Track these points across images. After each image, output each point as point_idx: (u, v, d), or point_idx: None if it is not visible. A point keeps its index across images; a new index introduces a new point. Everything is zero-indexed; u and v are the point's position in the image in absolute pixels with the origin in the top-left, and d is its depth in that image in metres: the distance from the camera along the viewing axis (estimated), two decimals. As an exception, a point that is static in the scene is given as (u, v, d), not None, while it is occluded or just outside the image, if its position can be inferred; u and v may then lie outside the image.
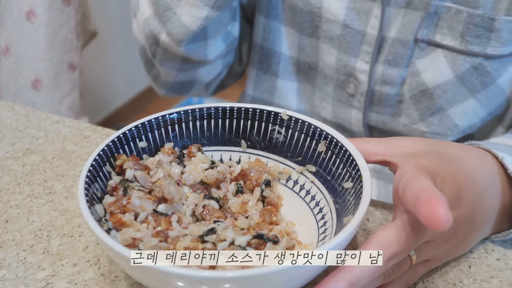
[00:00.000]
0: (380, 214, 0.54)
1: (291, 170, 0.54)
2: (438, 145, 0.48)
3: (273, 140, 0.54)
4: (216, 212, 0.47)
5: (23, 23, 1.23)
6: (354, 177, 0.46)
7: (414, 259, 0.42)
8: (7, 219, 0.54)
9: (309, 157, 0.52)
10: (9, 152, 0.64)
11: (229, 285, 0.36)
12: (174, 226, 0.44)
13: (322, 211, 0.50)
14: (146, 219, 0.44)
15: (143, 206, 0.45)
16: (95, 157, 0.46)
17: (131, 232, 0.42)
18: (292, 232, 0.48)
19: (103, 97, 2.27)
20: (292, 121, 0.53)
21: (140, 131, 0.51)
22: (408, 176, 0.41)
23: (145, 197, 0.46)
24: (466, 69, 0.64)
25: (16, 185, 0.59)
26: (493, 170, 0.48)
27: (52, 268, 0.48)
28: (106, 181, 0.47)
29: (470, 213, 0.44)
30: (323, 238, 0.47)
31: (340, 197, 0.48)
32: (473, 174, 0.45)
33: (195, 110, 0.53)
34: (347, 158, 0.48)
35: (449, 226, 0.35)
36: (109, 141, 0.49)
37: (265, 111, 0.54)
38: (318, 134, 0.51)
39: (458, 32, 0.62)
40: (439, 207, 0.35)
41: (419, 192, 0.37)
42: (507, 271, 0.47)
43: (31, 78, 1.27)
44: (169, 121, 0.53)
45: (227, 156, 0.55)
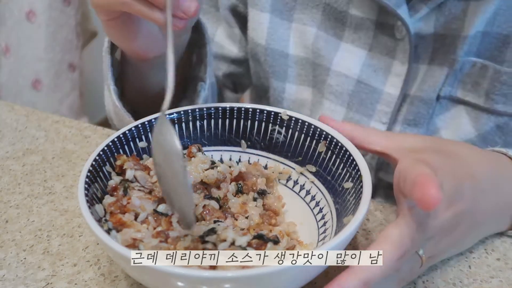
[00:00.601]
0: (380, 214, 0.54)
1: (291, 170, 0.54)
2: (438, 142, 0.49)
3: (273, 140, 0.54)
4: (216, 212, 0.47)
5: (23, 23, 1.23)
6: (354, 177, 0.46)
7: (425, 258, 0.42)
8: (7, 219, 0.54)
9: (309, 157, 0.52)
10: (9, 152, 0.64)
11: (229, 285, 0.36)
12: (175, 226, 0.44)
13: (322, 211, 0.50)
14: (146, 219, 0.44)
15: (143, 206, 0.45)
16: (95, 157, 0.46)
17: (131, 232, 0.42)
18: (293, 232, 0.48)
19: (103, 97, 2.27)
20: (292, 121, 0.53)
21: (140, 131, 0.51)
22: (407, 167, 0.41)
23: (145, 197, 0.46)
24: (490, 128, 0.59)
25: (16, 185, 0.59)
26: (502, 168, 0.48)
27: (52, 268, 0.48)
28: (106, 181, 0.47)
29: (471, 208, 0.44)
30: (323, 238, 0.47)
31: (340, 197, 0.48)
32: (474, 169, 0.45)
33: (195, 110, 0.53)
34: (347, 158, 0.48)
35: (438, 204, 0.35)
36: (109, 141, 0.49)
37: (265, 111, 0.53)
38: (318, 134, 0.51)
39: (483, 89, 0.58)
40: (430, 188, 0.36)
41: (415, 177, 0.38)
42: (507, 271, 0.47)
43: (31, 78, 1.27)
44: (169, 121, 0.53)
45: (227, 156, 0.55)
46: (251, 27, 0.70)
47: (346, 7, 0.62)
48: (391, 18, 0.59)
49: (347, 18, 0.62)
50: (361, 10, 0.61)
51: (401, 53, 0.60)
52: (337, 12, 0.62)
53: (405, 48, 0.59)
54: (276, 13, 0.67)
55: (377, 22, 0.61)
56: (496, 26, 0.56)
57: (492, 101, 0.58)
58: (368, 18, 0.61)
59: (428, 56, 0.59)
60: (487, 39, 0.57)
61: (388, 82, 0.62)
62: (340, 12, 0.62)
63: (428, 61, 0.60)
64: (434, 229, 0.41)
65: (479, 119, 0.59)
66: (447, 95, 0.60)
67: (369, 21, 0.61)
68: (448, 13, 0.57)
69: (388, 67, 0.61)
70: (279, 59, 0.68)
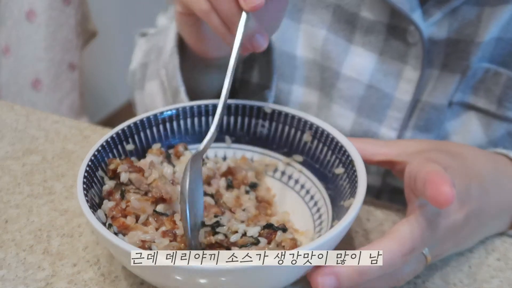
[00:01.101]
0: (380, 214, 0.54)
1: (278, 162, 0.54)
2: (441, 144, 0.49)
3: (257, 133, 0.54)
4: (213, 207, 0.47)
5: (23, 23, 1.23)
6: (345, 162, 0.47)
7: (429, 258, 0.42)
8: (7, 219, 0.54)
9: (295, 148, 0.53)
10: (9, 152, 0.64)
11: (226, 278, 0.36)
12: (179, 224, 0.44)
13: (313, 198, 0.50)
14: (147, 220, 0.44)
15: (143, 208, 0.45)
16: (88, 163, 0.46)
17: (139, 235, 0.42)
18: (288, 221, 0.49)
19: (103, 97, 2.27)
20: (275, 113, 0.53)
21: (126, 134, 0.51)
22: (418, 166, 0.41)
23: (143, 199, 0.46)
24: (501, 134, 0.58)
25: (16, 185, 0.59)
26: (503, 168, 0.48)
27: (52, 268, 0.48)
28: (100, 186, 0.47)
29: (478, 209, 0.44)
30: (320, 224, 0.47)
31: (332, 183, 0.48)
32: (477, 170, 0.45)
33: (179, 109, 0.53)
34: (335, 145, 0.49)
35: (452, 201, 0.35)
36: (96, 149, 0.48)
37: (248, 106, 0.54)
38: (302, 125, 0.52)
39: (495, 96, 0.57)
40: (443, 185, 0.36)
41: (426, 175, 0.38)
42: (507, 271, 0.47)
43: (31, 78, 1.27)
44: (153, 122, 0.52)
45: (212, 153, 0.55)
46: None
47: (357, 9, 0.60)
48: (404, 22, 0.57)
49: (358, 20, 0.61)
50: (372, 12, 0.59)
51: (414, 59, 0.58)
52: (347, 14, 0.61)
53: (418, 53, 0.58)
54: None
55: (389, 25, 0.59)
56: (510, 32, 0.55)
57: (504, 108, 0.57)
58: (380, 21, 0.59)
59: (440, 62, 0.58)
60: (501, 45, 0.56)
61: (399, 88, 0.61)
62: (351, 14, 0.61)
63: (440, 67, 0.58)
64: (444, 229, 0.41)
65: (490, 126, 0.58)
66: (458, 101, 0.59)
67: (381, 24, 0.59)
68: (461, 18, 0.55)
69: (400, 72, 0.60)
70: (286, 60, 0.67)
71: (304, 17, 0.64)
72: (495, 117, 0.58)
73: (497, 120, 0.58)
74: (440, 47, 0.58)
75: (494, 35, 0.55)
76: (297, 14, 0.65)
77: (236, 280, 0.37)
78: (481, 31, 0.55)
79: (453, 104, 0.59)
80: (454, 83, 0.58)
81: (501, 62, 0.56)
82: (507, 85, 0.56)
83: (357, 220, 0.53)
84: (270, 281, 0.39)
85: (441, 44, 0.57)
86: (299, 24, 0.65)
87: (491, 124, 0.58)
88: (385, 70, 0.61)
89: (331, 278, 0.38)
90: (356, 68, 0.62)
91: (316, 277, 0.39)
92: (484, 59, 0.57)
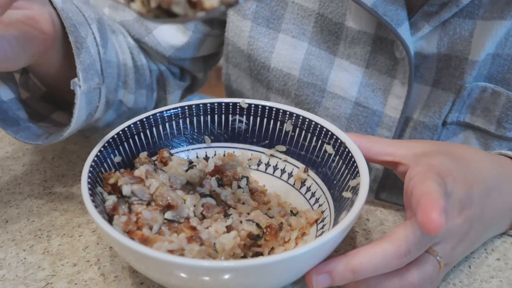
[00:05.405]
0: (380, 213, 0.54)
1: (260, 155, 0.54)
2: (446, 146, 0.49)
3: (236, 129, 0.55)
4: (215, 207, 0.47)
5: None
6: (335, 144, 0.48)
7: (443, 263, 0.42)
8: (7, 219, 0.54)
9: (276, 139, 0.53)
10: (9, 152, 0.64)
11: (229, 275, 0.36)
12: (200, 229, 0.44)
13: (305, 184, 0.51)
14: (160, 229, 0.44)
15: (155, 218, 0.44)
16: (87, 181, 0.44)
17: (166, 245, 0.41)
18: (284, 202, 0.50)
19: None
20: (252, 108, 0.53)
21: (112, 146, 0.49)
22: (417, 178, 0.41)
23: (152, 208, 0.44)
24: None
25: (16, 185, 0.59)
26: (505, 169, 0.48)
27: (52, 268, 0.48)
28: (102, 203, 0.45)
29: (480, 212, 0.44)
30: (316, 201, 0.49)
31: (323, 166, 0.49)
32: (482, 174, 0.45)
33: (156, 114, 0.52)
34: (319, 130, 0.49)
35: (441, 230, 0.35)
36: (89, 165, 0.45)
37: (223, 104, 0.54)
38: (281, 115, 0.52)
39: (495, 117, 0.54)
40: (433, 212, 0.36)
41: (421, 196, 0.38)
42: (507, 271, 0.47)
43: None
44: (134, 129, 0.51)
45: (193, 154, 0.55)
46: (233, 32, 0.65)
47: (342, 19, 0.57)
48: (391, 34, 0.55)
49: (343, 30, 0.58)
50: (358, 23, 0.56)
51: (401, 73, 0.56)
52: (331, 23, 0.58)
53: (405, 67, 0.55)
54: (260, 21, 0.62)
55: (375, 36, 0.56)
56: (508, 48, 0.52)
57: (504, 129, 0.55)
58: (366, 32, 0.56)
59: (431, 77, 0.56)
60: (498, 61, 0.53)
61: (388, 104, 0.58)
62: (335, 24, 0.58)
63: (432, 83, 0.56)
64: (442, 234, 0.42)
65: (489, 145, 0.56)
66: (454, 121, 0.57)
67: (367, 35, 0.57)
68: (453, 33, 0.53)
69: (388, 87, 0.57)
70: (261, 71, 0.64)
71: (284, 26, 0.61)
72: (494, 137, 0.56)
73: (496, 139, 0.56)
74: (431, 62, 0.55)
75: (491, 51, 0.53)
76: (276, 22, 0.61)
77: (237, 278, 0.37)
78: (474, 47, 0.53)
79: (448, 125, 0.57)
80: (448, 103, 0.55)
81: (500, 79, 0.54)
82: (507, 106, 0.54)
83: (357, 220, 0.53)
84: (270, 280, 0.39)
85: (432, 59, 0.55)
86: (277, 33, 0.62)
87: (491, 143, 0.56)
88: (372, 85, 0.58)
89: (324, 276, 0.39)
90: (342, 84, 0.59)
91: (310, 276, 0.39)
92: (481, 77, 0.54)
